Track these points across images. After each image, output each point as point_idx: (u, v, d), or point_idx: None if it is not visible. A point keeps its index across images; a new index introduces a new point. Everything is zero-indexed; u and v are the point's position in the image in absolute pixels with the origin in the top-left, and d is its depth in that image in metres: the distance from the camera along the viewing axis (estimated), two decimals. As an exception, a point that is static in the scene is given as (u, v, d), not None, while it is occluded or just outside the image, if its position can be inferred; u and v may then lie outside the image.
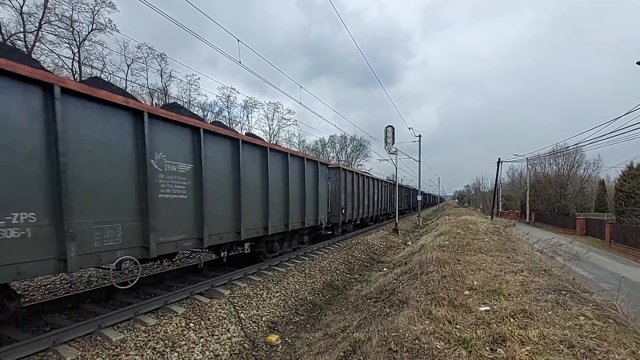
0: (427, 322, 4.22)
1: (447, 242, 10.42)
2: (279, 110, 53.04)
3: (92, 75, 27.20)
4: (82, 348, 4.31)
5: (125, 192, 4.91)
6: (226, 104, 45.49)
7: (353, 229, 17.66)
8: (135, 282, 5.20)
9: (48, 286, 7.03)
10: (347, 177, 15.15)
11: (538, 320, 3.85)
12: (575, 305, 4.26)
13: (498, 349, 3.34)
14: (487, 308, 4.41)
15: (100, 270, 8.33)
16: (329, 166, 13.76)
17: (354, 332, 5.09)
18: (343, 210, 14.67)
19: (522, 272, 6.24)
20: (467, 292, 5.14)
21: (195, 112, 39.18)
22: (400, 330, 4.07)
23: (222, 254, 7.57)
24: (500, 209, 54.49)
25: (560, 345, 3.23)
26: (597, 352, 3.10)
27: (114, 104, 4.70)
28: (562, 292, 4.84)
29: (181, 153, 5.86)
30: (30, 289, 6.81)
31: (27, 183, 3.78)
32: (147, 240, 5.15)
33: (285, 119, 53.93)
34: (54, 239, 4.01)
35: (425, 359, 3.36)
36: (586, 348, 3.16)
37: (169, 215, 5.60)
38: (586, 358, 3.03)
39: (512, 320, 3.93)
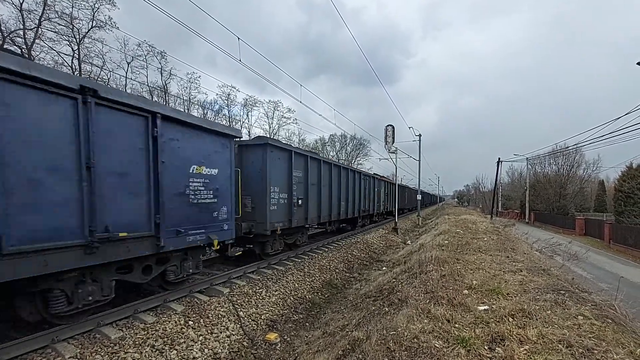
0: (426, 321, 4.22)
1: (446, 242, 10.43)
2: (278, 108, 52.93)
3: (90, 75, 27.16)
4: (80, 345, 4.31)
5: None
6: (226, 102, 45.40)
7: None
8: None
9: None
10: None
11: (537, 319, 3.84)
12: (574, 305, 4.26)
13: (497, 348, 3.34)
14: (486, 307, 4.41)
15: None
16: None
17: (353, 331, 5.09)
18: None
19: (521, 271, 6.24)
20: (466, 292, 5.14)
21: (195, 111, 39.13)
22: (399, 329, 4.08)
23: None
24: (499, 209, 54.50)
25: (559, 345, 3.23)
26: (596, 351, 3.10)
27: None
28: (561, 291, 4.84)
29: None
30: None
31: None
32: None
33: (285, 117, 53.82)
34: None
35: (424, 357, 3.37)
36: (584, 348, 3.16)
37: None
38: (584, 357, 3.03)
39: (511, 319, 3.92)
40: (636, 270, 16.44)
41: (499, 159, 37.34)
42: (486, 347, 3.39)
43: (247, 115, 49.49)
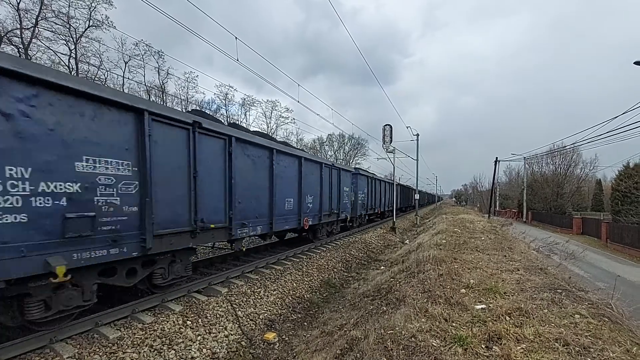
0: (423, 320, 4.24)
1: (444, 241, 10.46)
2: (276, 108, 52.83)
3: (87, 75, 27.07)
4: (79, 345, 4.31)
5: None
6: (224, 101, 45.31)
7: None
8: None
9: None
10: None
11: (534, 318, 3.87)
12: (571, 304, 4.29)
13: (494, 347, 3.36)
14: (483, 306, 4.44)
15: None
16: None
17: (350, 330, 5.11)
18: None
19: (518, 270, 6.27)
20: (463, 291, 5.17)
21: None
22: (397, 328, 4.09)
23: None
24: (497, 208, 54.69)
25: (555, 343, 3.25)
26: (592, 350, 3.12)
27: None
28: (558, 290, 4.87)
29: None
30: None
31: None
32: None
33: (283, 117, 53.71)
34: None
35: (421, 356, 3.38)
36: (581, 346, 3.18)
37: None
38: (581, 356, 3.06)
39: (507, 318, 3.95)
40: (633, 269, 16.53)
41: (497, 158, 37.45)
42: (483, 346, 3.41)
43: (245, 114, 49.40)
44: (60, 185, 3.95)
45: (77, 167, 4.14)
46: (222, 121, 8.35)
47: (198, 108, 40.08)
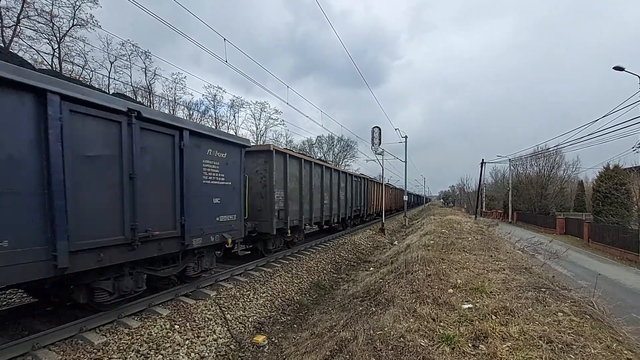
0: (411, 320, 4.28)
1: (432, 242, 10.58)
2: (265, 110, 52.65)
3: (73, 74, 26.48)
4: (62, 352, 4.20)
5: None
6: (212, 103, 44.91)
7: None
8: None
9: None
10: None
11: (518, 316, 3.96)
12: (554, 302, 4.40)
13: (480, 345, 3.42)
14: (470, 306, 4.51)
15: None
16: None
17: (340, 331, 5.12)
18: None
19: (504, 270, 6.39)
20: (450, 291, 5.24)
21: (181, 111, 38.59)
22: (386, 329, 4.12)
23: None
24: (483, 209, 55.52)
25: (539, 341, 3.33)
26: (574, 346, 3.21)
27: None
28: (542, 289, 4.98)
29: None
30: (7, 292, 6.57)
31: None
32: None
33: (272, 118, 53.56)
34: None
35: (409, 356, 3.42)
36: (564, 343, 3.27)
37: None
38: (564, 353, 3.14)
39: (493, 317, 4.02)
40: (613, 268, 17.03)
41: (482, 160, 38.03)
42: (470, 345, 3.47)
43: (234, 116, 49.07)
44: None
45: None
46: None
47: (186, 109, 39.64)
